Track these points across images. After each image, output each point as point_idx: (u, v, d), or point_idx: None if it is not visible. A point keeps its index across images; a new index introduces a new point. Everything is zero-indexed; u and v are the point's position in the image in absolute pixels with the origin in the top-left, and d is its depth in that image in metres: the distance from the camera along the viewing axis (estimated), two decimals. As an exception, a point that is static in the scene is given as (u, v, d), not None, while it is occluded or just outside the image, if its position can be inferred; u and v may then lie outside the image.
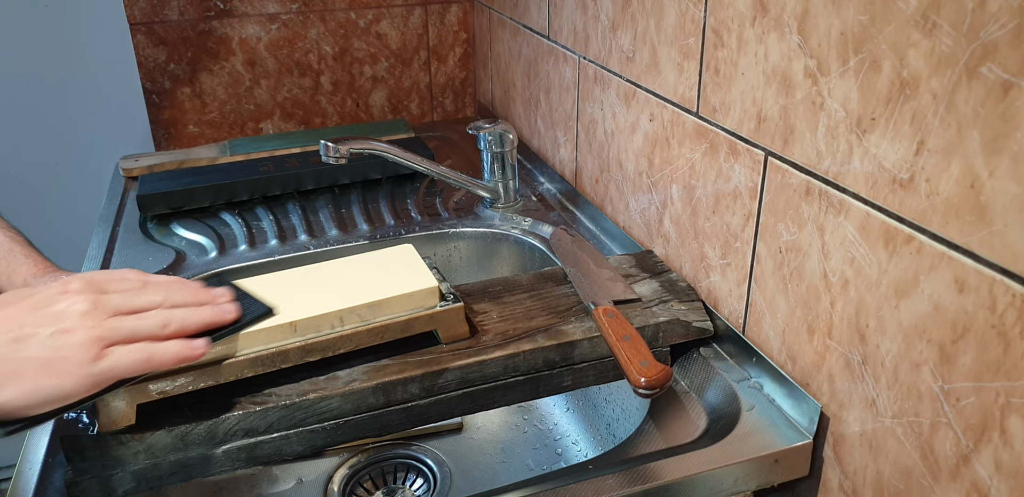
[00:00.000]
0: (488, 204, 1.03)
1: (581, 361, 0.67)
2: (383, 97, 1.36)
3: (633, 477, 0.58)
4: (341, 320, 0.61)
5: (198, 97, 1.26)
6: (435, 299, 0.64)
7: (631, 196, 0.86)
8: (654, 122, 0.78)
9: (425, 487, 0.87)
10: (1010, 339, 0.43)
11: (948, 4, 0.44)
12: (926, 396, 0.50)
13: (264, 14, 1.24)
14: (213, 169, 1.07)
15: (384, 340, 0.63)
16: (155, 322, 0.53)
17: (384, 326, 0.62)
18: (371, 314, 0.62)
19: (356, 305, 0.61)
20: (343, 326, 0.61)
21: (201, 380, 0.57)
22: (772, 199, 0.62)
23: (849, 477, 0.59)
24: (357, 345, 0.62)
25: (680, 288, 0.74)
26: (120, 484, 0.57)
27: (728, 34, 0.64)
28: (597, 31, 0.87)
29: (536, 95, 1.10)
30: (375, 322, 0.62)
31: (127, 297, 0.54)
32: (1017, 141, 0.41)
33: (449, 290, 0.65)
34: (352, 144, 0.87)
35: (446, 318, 0.64)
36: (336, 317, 0.60)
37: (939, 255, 0.47)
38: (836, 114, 0.53)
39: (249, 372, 0.59)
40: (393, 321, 0.62)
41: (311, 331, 0.60)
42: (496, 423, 0.94)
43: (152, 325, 0.53)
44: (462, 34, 1.35)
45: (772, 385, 0.65)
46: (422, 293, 0.63)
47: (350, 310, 0.61)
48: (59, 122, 1.38)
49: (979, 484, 0.47)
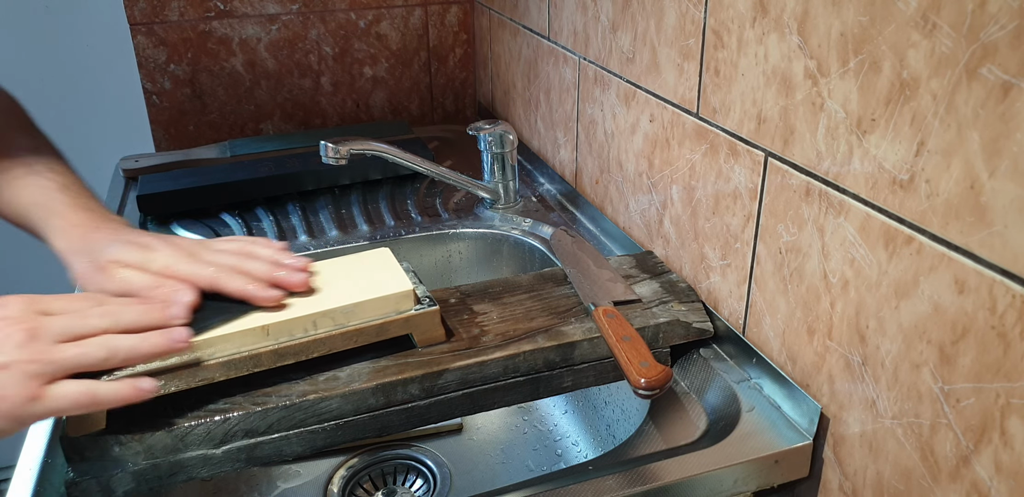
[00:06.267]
0: (488, 205, 1.03)
1: (581, 362, 0.67)
2: (383, 98, 1.36)
3: (633, 478, 0.58)
4: (314, 324, 0.60)
5: (198, 98, 1.26)
6: (410, 303, 0.63)
7: (631, 197, 0.86)
8: (654, 123, 0.78)
9: (425, 488, 0.87)
10: (1010, 340, 0.43)
11: (948, 5, 0.44)
12: (926, 397, 0.50)
13: (264, 15, 1.24)
14: (213, 169, 1.07)
15: (358, 344, 0.62)
16: (98, 354, 0.50)
17: (358, 330, 0.61)
18: (345, 318, 0.61)
19: (329, 309, 0.60)
20: (316, 330, 0.60)
21: (172, 384, 0.56)
22: (772, 200, 0.62)
23: (849, 478, 0.59)
24: (331, 349, 0.61)
25: (680, 289, 0.74)
26: (120, 484, 0.57)
27: (728, 35, 0.64)
28: (597, 32, 0.87)
29: (536, 96, 1.10)
30: (349, 326, 0.61)
31: (70, 322, 0.51)
32: (1017, 142, 0.41)
33: (425, 294, 0.64)
34: (352, 145, 0.87)
35: (421, 322, 0.64)
36: (309, 321, 0.60)
37: (939, 256, 0.47)
38: (836, 115, 0.53)
39: (221, 376, 0.58)
40: (367, 325, 0.61)
41: (284, 335, 0.59)
42: (496, 424, 0.94)
43: (95, 358, 0.50)
44: (462, 35, 1.35)
45: (772, 386, 0.65)
46: (396, 296, 0.62)
47: (323, 314, 0.60)
48: (59, 122, 1.38)
49: (979, 485, 0.47)
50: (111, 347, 0.51)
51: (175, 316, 0.56)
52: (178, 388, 0.56)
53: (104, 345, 0.51)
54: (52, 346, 0.50)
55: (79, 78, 1.38)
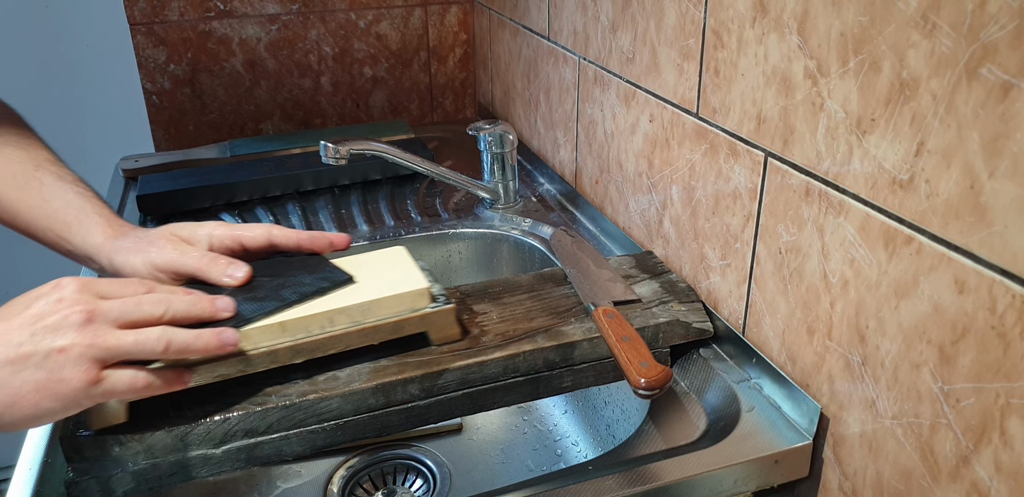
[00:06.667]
0: (488, 205, 1.03)
1: (581, 362, 0.67)
2: (383, 98, 1.36)
3: (633, 478, 0.58)
4: (331, 321, 0.60)
5: (198, 98, 1.26)
6: (426, 300, 0.63)
7: (631, 197, 0.86)
8: (654, 123, 0.78)
9: (425, 488, 0.87)
10: (1010, 340, 0.43)
11: (948, 5, 0.44)
12: (926, 397, 0.50)
13: (264, 15, 1.24)
14: (213, 169, 1.07)
15: (374, 341, 0.62)
16: (155, 346, 0.51)
17: (374, 327, 0.62)
18: (361, 315, 0.61)
19: (346, 306, 0.60)
20: (333, 327, 0.61)
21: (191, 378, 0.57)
22: (772, 200, 0.62)
23: (849, 478, 0.59)
24: (347, 346, 0.62)
25: (680, 289, 0.74)
26: (120, 484, 0.57)
27: (728, 35, 0.64)
28: (597, 32, 0.87)
29: (536, 96, 1.10)
30: (365, 323, 0.61)
31: (126, 307, 0.52)
32: (1017, 142, 0.41)
33: (440, 292, 0.65)
34: (352, 145, 0.87)
35: (437, 319, 0.64)
36: (326, 318, 0.60)
37: (939, 256, 0.47)
38: (836, 115, 0.53)
39: (237, 372, 0.58)
40: (383, 322, 0.62)
41: (301, 332, 0.59)
42: (496, 424, 0.94)
43: (150, 348, 0.51)
44: (462, 35, 1.35)
45: (772, 386, 0.65)
46: (412, 294, 0.63)
47: (340, 311, 0.60)
48: (59, 122, 1.38)
49: (979, 485, 0.47)
50: (167, 339, 0.52)
51: (223, 308, 0.57)
52: (196, 383, 0.57)
53: (162, 337, 0.52)
54: (110, 331, 0.50)
55: (79, 78, 1.38)
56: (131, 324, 0.52)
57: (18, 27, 1.34)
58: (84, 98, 1.39)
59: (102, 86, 1.38)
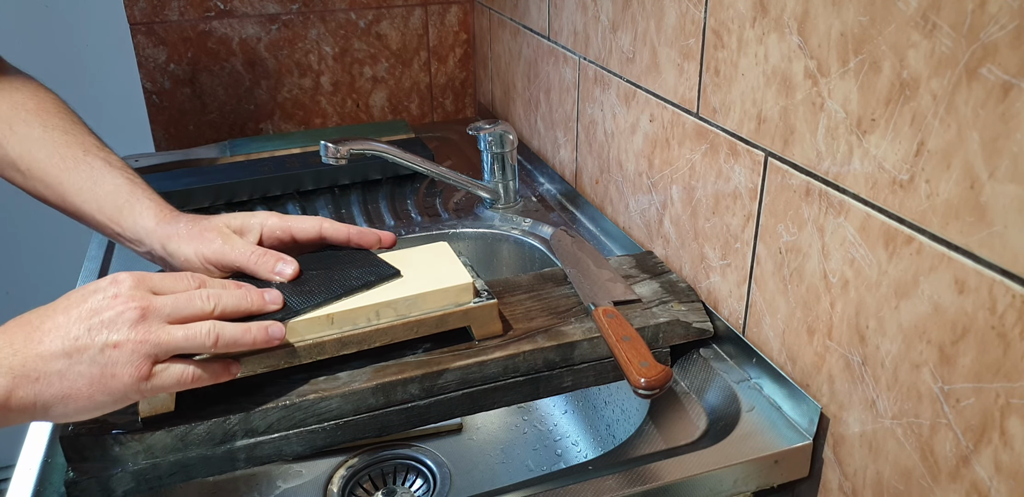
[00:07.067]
0: (488, 205, 1.03)
1: (581, 362, 0.67)
2: (383, 97, 1.36)
3: (633, 478, 0.58)
4: (377, 314, 0.61)
5: (198, 97, 1.26)
6: (470, 295, 0.64)
7: (631, 197, 0.86)
8: (654, 123, 0.78)
9: (425, 488, 0.87)
10: (1010, 340, 0.43)
11: (948, 5, 0.44)
12: (926, 397, 0.50)
13: (264, 14, 1.24)
14: (213, 169, 1.07)
15: (418, 334, 0.63)
16: (204, 341, 0.53)
17: (419, 321, 0.63)
18: (407, 309, 0.62)
19: (392, 299, 0.61)
20: (379, 320, 0.61)
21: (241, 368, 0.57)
22: (772, 200, 0.62)
23: (849, 478, 0.59)
24: (392, 339, 0.62)
25: (680, 289, 0.74)
26: (120, 484, 0.57)
27: (728, 35, 0.64)
28: (597, 32, 0.87)
29: (536, 96, 1.10)
30: (410, 317, 0.62)
31: (178, 303, 0.54)
32: (1017, 142, 0.41)
33: (483, 287, 0.66)
34: (352, 145, 0.87)
35: (480, 315, 0.65)
36: (372, 311, 0.61)
37: (939, 256, 0.47)
38: (836, 115, 0.53)
39: (285, 363, 0.59)
40: (428, 316, 0.63)
41: (347, 324, 0.60)
42: (496, 424, 0.94)
43: (200, 343, 0.53)
44: (462, 35, 1.35)
45: (772, 386, 0.65)
46: (457, 289, 0.63)
47: (386, 304, 0.61)
48: (59, 122, 1.38)
49: (979, 485, 0.47)
50: (216, 334, 0.53)
51: (272, 301, 0.58)
52: (243, 374, 0.57)
53: (211, 332, 0.53)
54: (162, 327, 0.52)
55: (79, 78, 1.38)
56: (182, 319, 0.53)
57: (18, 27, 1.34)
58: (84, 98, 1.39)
59: (102, 86, 1.38)
